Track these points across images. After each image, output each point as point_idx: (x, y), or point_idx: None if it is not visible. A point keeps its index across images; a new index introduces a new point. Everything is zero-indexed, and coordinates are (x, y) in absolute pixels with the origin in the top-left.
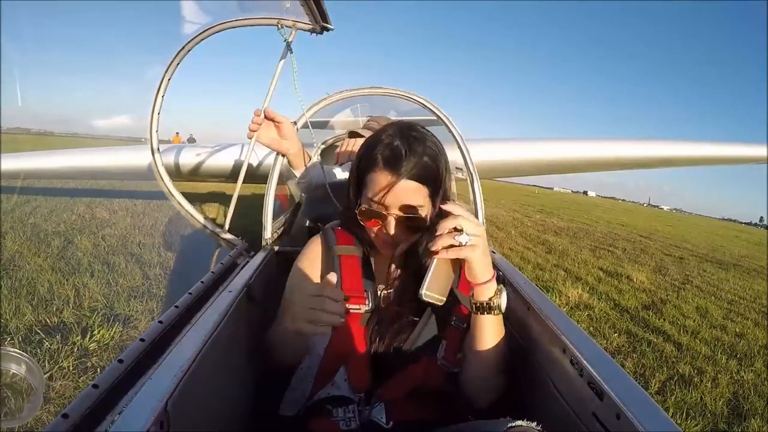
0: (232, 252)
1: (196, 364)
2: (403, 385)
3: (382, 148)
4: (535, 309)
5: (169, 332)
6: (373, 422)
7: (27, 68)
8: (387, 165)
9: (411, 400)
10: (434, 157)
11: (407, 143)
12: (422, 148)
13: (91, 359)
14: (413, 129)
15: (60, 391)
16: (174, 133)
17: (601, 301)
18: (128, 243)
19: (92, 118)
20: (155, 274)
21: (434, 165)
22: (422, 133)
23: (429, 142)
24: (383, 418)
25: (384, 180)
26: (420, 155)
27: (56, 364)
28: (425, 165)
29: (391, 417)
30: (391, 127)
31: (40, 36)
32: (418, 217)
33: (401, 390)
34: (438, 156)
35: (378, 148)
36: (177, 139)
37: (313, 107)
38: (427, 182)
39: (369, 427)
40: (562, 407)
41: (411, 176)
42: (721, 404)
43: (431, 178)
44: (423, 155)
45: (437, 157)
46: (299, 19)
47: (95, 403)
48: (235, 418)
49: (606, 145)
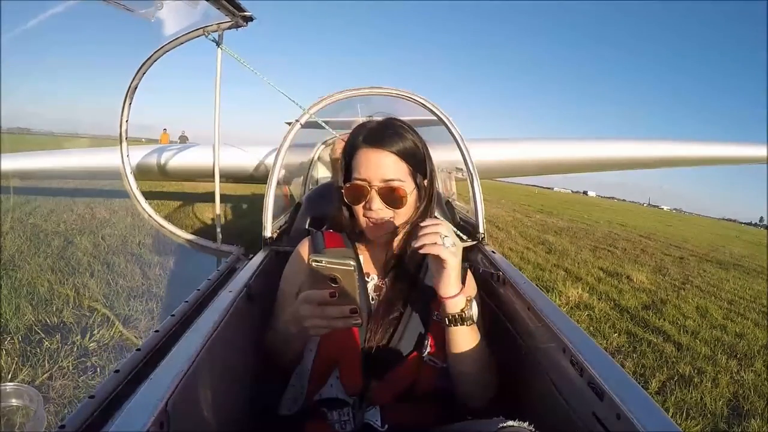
0: (228, 258)
1: (196, 364)
2: (394, 388)
3: (365, 130)
4: (535, 309)
5: (166, 341)
6: (368, 425)
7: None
8: (367, 141)
9: (406, 402)
10: (414, 139)
11: (391, 125)
12: (402, 130)
13: (91, 359)
14: (395, 118)
15: (60, 390)
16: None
17: (601, 301)
18: (128, 243)
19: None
20: (152, 279)
21: (414, 145)
22: (403, 122)
23: (409, 129)
24: (378, 421)
25: (365, 155)
26: (400, 134)
27: (56, 364)
28: (405, 141)
29: (386, 420)
30: (374, 119)
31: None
32: (399, 188)
33: (393, 392)
34: (418, 140)
35: (361, 131)
36: (165, 137)
37: (312, 107)
38: (407, 158)
39: (364, 430)
40: (562, 407)
41: (391, 150)
42: (721, 404)
43: (411, 155)
44: (403, 135)
45: (417, 140)
46: (220, 20)
47: (93, 413)
48: (235, 417)
49: (606, 145)
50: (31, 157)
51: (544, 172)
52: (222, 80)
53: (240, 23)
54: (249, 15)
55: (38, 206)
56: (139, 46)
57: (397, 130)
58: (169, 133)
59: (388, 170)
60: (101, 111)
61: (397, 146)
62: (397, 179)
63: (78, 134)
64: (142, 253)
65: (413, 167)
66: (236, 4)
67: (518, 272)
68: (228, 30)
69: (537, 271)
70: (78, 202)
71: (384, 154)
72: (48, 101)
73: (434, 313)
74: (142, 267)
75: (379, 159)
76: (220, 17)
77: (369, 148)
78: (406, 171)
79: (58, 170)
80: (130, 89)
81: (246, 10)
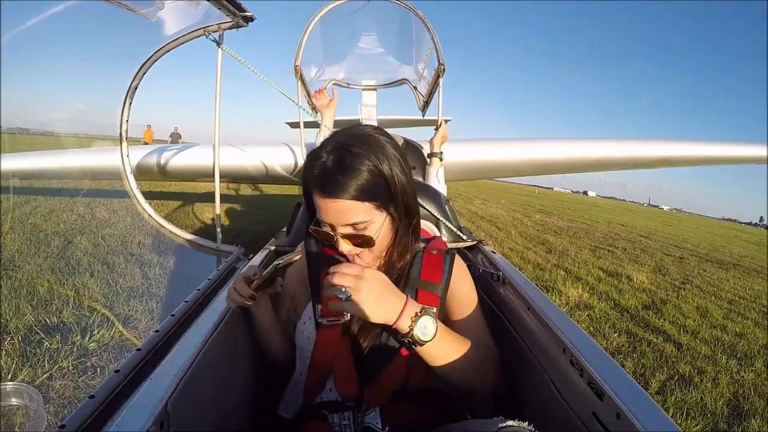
0: (228, 258)
1: (196, 364)
2: (388, 387)
3: (318, 167)
4: (535, 309)
5: (166, 341)
6: (368, 428)
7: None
8: (321, 188)
9: (404, 402)
10: (378, 170)
11: (342, 163)
12: (358, 162)
13: (91, 359)
14: (354, 142)
15: (59, 390)
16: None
17: (601, 301)
18: (128, 243)
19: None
20: (152, 279)
21: (378, 178)
22: (366, 144)
23: (373, 155)
24: (378, 423)
25: (322, 203)
26: (354, 171)
27: (56, 364)
28: (360, 177)
29: (387, 422)
30: (332, 140)
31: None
32: (363, 234)
33: (387, 392)
34: (380, 161)
35: (315, 166)
36: (149, 133)
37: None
38: (367, 197)
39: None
40: (562, 407)
41: (346, 196)
42: (721, 404)
43: (371, 190)
44: (357, 170)
45: (383, 168)
46: (220, 20)
47: (93, 413)
48: (235, 417)
49: (606, 145)
50: (31, 157)
51: (543, 172)
52: (222, 81)
53: (240, 23)
54: (249, 15)
55: (38, 206)
56: (139, 46)
57: (351, 166)
58: (153, 130)
59: (348, 216)
60: (101, 111)
61: (352, 188)
62: (360, 222)
63: (78, 134)
64: (142, 253)
65: (378, 199)
66: (237, 4)
67: (518, 272)
68: (228, 30)
69: (537, 271)
70: (78, 202)
71: (339, 202)
72: (48, 101)
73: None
74: (142, 267)
75: (336, 207)
76: (221, 17)
77: (325, 197)
78: (370, 207)
79: (58, 170)
80: (130, 89)
81: (246, 10)
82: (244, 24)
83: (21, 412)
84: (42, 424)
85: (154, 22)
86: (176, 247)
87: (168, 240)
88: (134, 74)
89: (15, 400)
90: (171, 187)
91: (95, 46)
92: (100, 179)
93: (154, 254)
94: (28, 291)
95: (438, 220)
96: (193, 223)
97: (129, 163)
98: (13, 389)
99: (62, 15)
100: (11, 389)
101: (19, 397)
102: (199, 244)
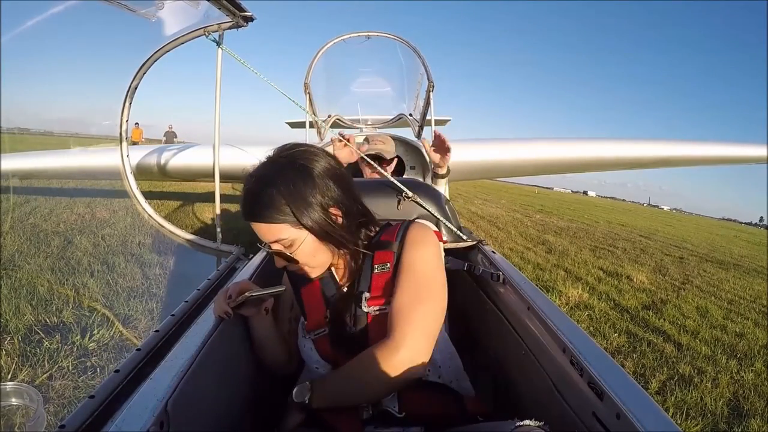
0: (228, 258)
1: (196, 364)
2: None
3: (242, 193)
4: (535, 309)
5: (165, 341)
6: (386, 412)
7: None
8: (244, 213)
9: (422, 391)
10: (287, 191)
11: (254, 190)
12: (266, 189)
13: (91, 359)
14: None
15: (59, 390)
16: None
17: (601, 301)
18: (128, 243)
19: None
20: (152, 279)
21: (284, 196)
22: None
23: (281, 178)
24: (396, 407)
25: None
26: (268, 197)
27: (56, 364)
28: (270, 205)
29: (404, 407)
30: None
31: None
32: (283, 252)
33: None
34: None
35: (242, 191)
36: (137, 132)
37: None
38: (280, 219)
39: (384, 415)
40: (562, 407)
41: (261, 221)
42: (721, 404)
43: (282, 212)
44: (270, 197)
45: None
46: (220, 20)
47: (93, 413)
48: (235, 417)
49: (606, 145)
50: (31, 157)
51: (543, 172)
52: (222, 81)
53: (240, 23)
54: (249, 15)
55: (38, 206)
56: (139, 46)
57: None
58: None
59: (268, 235)
60: (101, 111)
61: (263, 215)
62: (279, 240)
63: (78, 134)
64: (142, 253)
65: (293, 216)
66: (237, 4)
67: (518, 272)
68: (228, 30)
69: (537, 271)
70: (78, 202)
71: (258, 225)
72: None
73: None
74: (142, 267)
75: (256, 228)
76: (221, 17)
77: (249, 221)
78: (286, 226)
79: (58, 170)
80: (130, 89)
81: (246, 10)
82: (244, 24)
83: (21, 412)
84: (42, 424)
85: (154, 22)
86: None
87: (168, 240)
88: (134, 74)
89: (15, 400)
90: (171, 187)
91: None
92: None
93: (154, 254)
94: (28, 291)
95: (438, 220)
96: (193, 223)
97: (129, 163)
98: (13, 389)
99: (62, 15)
100: (11, 389)
101: (19, 397)
102: (199, 244)
